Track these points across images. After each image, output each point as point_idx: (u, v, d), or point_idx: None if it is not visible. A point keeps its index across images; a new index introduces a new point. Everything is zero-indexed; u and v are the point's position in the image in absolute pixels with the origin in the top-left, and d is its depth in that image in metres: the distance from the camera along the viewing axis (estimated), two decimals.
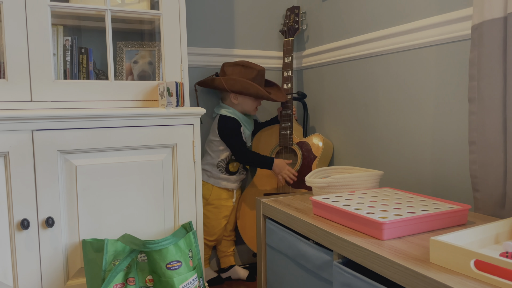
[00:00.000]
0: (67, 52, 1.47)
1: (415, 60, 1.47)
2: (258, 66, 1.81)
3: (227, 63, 1.84)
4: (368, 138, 1.72)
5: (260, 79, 1.81)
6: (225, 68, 1.83)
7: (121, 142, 1.31)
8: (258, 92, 1.76)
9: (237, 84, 1.75)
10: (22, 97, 1.25)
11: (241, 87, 1.75)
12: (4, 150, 1.17)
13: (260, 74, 1.80)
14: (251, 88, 1.75)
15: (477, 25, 1.13)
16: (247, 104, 1.84)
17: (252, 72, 1.78)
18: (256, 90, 1.75)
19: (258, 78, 1.80)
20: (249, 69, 1.79)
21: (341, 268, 1.01)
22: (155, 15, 1.44)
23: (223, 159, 1.83)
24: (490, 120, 1.12)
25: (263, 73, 1.82)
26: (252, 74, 1.78)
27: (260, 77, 1.81)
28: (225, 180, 1.85)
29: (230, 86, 1.76)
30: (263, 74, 1.82)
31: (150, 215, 1.37)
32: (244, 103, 1.83)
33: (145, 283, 1.24)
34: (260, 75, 1.81)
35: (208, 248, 1.90)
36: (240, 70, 1.79)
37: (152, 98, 1.42)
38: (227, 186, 1.86)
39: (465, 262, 0.78)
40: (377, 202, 1.17)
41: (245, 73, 1.78)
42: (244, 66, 1.79)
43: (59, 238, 1.25)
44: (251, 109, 1.86)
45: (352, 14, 1.76)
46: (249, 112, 1.87)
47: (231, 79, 1.76)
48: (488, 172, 1.14)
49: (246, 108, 1.85)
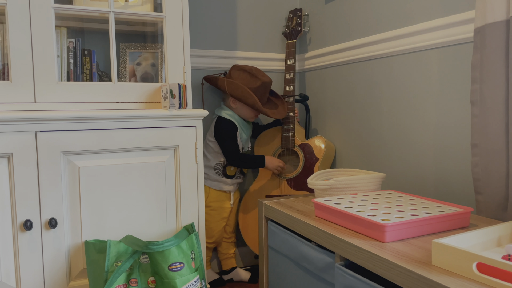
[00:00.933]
0: (70, 54, 1.48)
1: (418, 62, 1.47)
2: (265, 77, 1.79)
3: (235, 66, 1.83)
4: (370, 141, 1.72)
5: (262, 90, 1.79)
6: (232, 70, 1.83)
7: (124, 143, 1.32)
8: (254, 105, 1.75)
9: (238, 90, 1.75)
10: (26, 98, 1.26)
11: (241, 94, 1.75)
12: (8, 151, 1.18)
13: (264, 85, 1.78)
14: (249, 98, 1.74)
15: (480, 28, 1.13)
16: (244, 111, 1.84)
17: (256, 81, 1.77)
18: (253, 101, 1.74)
19: (260, 89, 1.78)
20: (254, 78, 1.77)
21: (343, 271, 1.01)
22: (158, 17, 1.45)
23: (221, 162, 1.83)
24: (493, 123, 1.12)
25: (267, 84, 1.80)
26: (255, 84, 1.76)
27: (263, 89, 1.79)
28: (221, 182, 1.85)
29: (231, 90, 1.76)
30: (267, 86, 1.80)
31: (152, 216, 1.38)
32: (241, 110, 1.83)
33: (148, 284, 1.24)
34: (264, 86, 1.78)
35: (208, 250, 1.90)
36: (245, 77, 1.78)
37: (155, 100, 1.43)
38: (223, 189, 1.86)
39: (467, 264, 0.78)
40: (379, 205, 1.17)
41: (249, 81, 1.77)
42: (250, 74, 1.78)
43: (62, 239, 1.26)
44: (248, 116, 1.86)
45: (355, 16, 1.77)
46: (246, 118, 1.87)
47: (234, 83, 1.76)
48: (490, 175, 1.14)
49: (243, 114, 1.84)
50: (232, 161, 1.82)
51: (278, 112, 1.86)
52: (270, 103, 1.90)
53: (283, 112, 1.87)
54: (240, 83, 1.76)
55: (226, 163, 1.84)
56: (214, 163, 1.83)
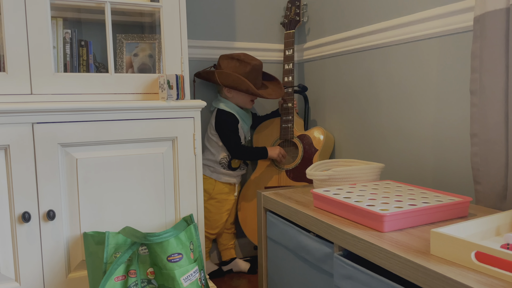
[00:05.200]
0: (67, 45, 1.47)
1: (417, 52, 1.46)
2: (254, 60, 1.77)
3: (223, 56, 1.81)
4: (369, 131, 1.71)
5: (254, 74, 1.77)
6: (220, 60, 1.81)
7: (122, 135, 1.31)
8: (248, 89, 1.73)
9: (229, 78, 1.74)
10: (22, 90, 1.25)
11: (232, 82, 1.73)
12: (5, 143, 1.17)
13: (255, 69, 1.76)
14: (242, 84, 1.73)
15: (479, 16, 1.12)
16: (241, 99, 1.83)
17: (246, 66, 1.75)
18: (246, 87, 1.73)
19: (252, 74, 1.76)
20: (243, 63, 1.75)
21: (341, 260, 1.01)
22: (155, 7, 1.43)
23: (225, 156, 1.83)
24: (492, 112, 1.11)
25: (258, 67, 1.78)
26: (246, 69, 1.75)
27: (254, 72, 1.77)
28: (227, 175, 1.86)
29: (222, 79, 1.75)
30: (258, 69, 1.78)
31: (151, 208, 1.37)
32: (237, 98, 1.82)
33: (146, 275, 1.24)
34: (255, 70, 1.77)
35: (208, 241, 1.91)
36: (234, 64, 1.76)
37: (152, 91, 1.42)
38: (229, 181, 1.87)
39: (466, 254, 0.78)
40: (378, 195, 1.17)
41: (239, 68, 1.76)
42: (239, 60, 1.76)
43: (60, 231, 1.25)
44: (245, 103, 1.84)
45: (353, 6, 1.75)
46: (244, 106, 1.86)
47: (224, 73, 1.74)
48: (489, 165, 1.13)
49: (240, 102, 1.84)
50: (235, 154, 1.81)
51: (274, 92, 1.83)
52: (264, 87, 1.87)
53: (280, 92, 1.84)
54: (230, 71, 1.74)
55: (231, 157, 1.84)
56: (219, 158, 1.83)
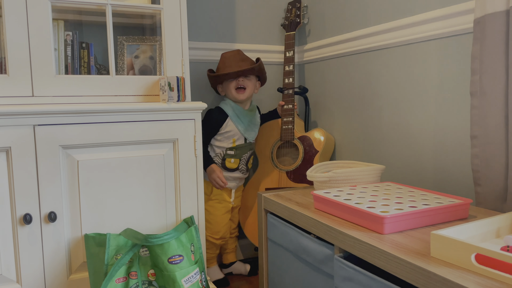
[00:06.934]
0: (68, 47, 1.47)
1: (417, 54, 1.47)
2: (227, 53, 1.82)
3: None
4: (369, 133, 1.71)
5: (227, 63, 1.79)
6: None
7: (123, 137, 1.31)
8: (212, 81, 1.83)
9: (208, 78, 1.85)
10: (24, 92, 1.25)
11: (209, 79, 1.85)
12: (6, 145, 1.17)
13: (223, 58, 1.82)
14: (210, 80, 1.84)
15: (479, 18, 1.12)
16: (227, 91, 1.83)
17: (219, 61, 1.84)
18: (211, 79, 1.83)
19: (224, 63, 1.80)
20: (220, 60, 1.83)
21: (342, 262, 1.01)
22: (156, 9, 1.44)
23: (218, 153, 1.81)
24: (492, 114, 1.12)
25: (226, 55, 1.81)
26: (219, 63, 1.83)
27: (225, 61, 1.80)
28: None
29: (211, 83, 1.88)
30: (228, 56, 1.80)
31: (152, 209, 1.38)
32: (226, 91, 1.84)
33: (147, 277, 1.25)
34: (224, 57, 1.81)
35: (214, 247, 1.86)
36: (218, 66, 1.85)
37: (153, 93, 1.42)
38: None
39: (466, 256, 0.78)
40: (378, 197, 1.17)
41: (219, 66, 1.84)
42: (220, 61, 1.83)
43: (62, 232, 1.26)
44: (234, 95, 1.80)
45: (354, 8, 1.75)
46: (234, 98, 1.81)
47: (208, 76, 1.84)
48: (489, 167, 1.14)
49: (229, 95, 1.83)
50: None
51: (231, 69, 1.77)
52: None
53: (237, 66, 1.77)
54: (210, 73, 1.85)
55: (224, 155, 1.80)
56: (213, 155, 1.81)
